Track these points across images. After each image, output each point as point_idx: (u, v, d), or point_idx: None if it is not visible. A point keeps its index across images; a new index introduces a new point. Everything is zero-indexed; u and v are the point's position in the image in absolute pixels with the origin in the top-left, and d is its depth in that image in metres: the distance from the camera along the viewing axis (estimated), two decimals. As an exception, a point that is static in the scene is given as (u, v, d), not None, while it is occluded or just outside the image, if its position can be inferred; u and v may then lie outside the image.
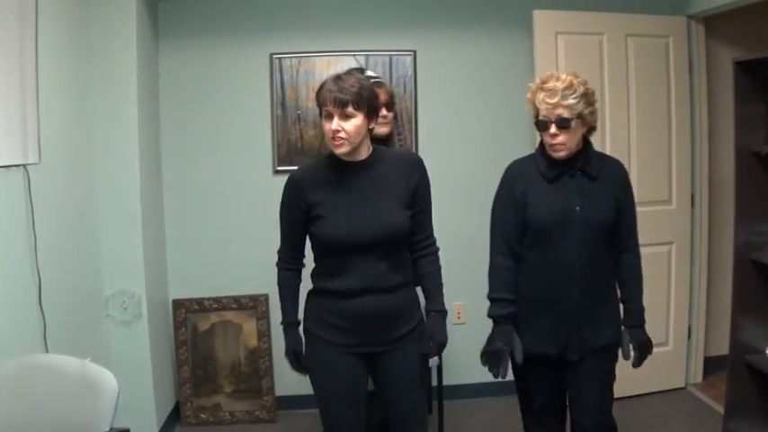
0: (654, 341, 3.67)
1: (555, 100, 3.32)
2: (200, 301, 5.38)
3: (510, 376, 3.70)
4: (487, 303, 3.58)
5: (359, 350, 3.26)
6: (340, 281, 3.20)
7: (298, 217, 3.26)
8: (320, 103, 3.14)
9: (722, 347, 4.57)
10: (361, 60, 5.44)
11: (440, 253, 3.47)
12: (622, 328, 3.57)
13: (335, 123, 3.07)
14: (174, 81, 5.40)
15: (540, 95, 3.38)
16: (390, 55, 5.49)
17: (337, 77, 3.14)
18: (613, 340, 3.54)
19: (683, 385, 5.75)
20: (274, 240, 3.43)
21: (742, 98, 4.12)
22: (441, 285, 3.43)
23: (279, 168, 5.44)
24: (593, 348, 3.47)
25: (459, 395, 5.51)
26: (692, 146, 5.67)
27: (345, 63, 5.39)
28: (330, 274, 3.24)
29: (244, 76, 5.46)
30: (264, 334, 5.39)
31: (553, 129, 3.35)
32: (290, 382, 5.32)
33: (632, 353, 3.57)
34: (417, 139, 5.53)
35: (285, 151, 5.46)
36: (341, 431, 3.34)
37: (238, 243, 5.48)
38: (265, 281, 5.40)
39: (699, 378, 5.83)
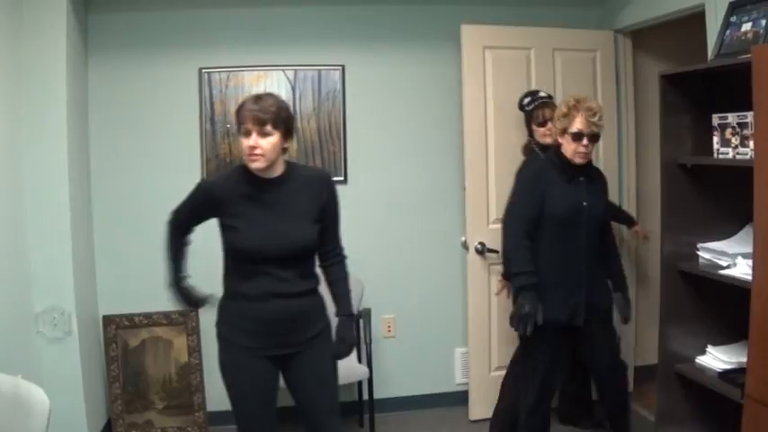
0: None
1: (595, 119, 4.24)
2: (129, 317, 5.48)
3: (445, 388, 3.89)
4: (418, 316, 3.76)
5: (269, 353, 3.57)
6: (250, 285, 3.51)
7: (203, 215, 3.62)
8: (240, 120, 3.42)
9: (652, 357, 4.70)
10: (290, 75, 5.62)
11: (367, 265, 3.62)
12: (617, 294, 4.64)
13: (253, 140, 3.36)
14: (103, 94, 5.47)
15: (584, 113, 4.24)
16: (319, 69, 5.65)
17: (258, 97, 3.45)
18: (609, 303, 4.60)
19: (614, 394, 5.90)
20: (204, 255, 3.55)
21: (668, 111, 4.23)
22: (349, 291, 3.81)
23: (208, 183, 5.50)
24: (596, 312, 4.46)
25: (390, 408, 5.61)
26: (619, 158, 5.92)
27: (274, 77, 5.59)
28: (241, 278, 3.54)
29: (173, 90, 5.56)
30: (195, 349, 5.51)
31: (585, 140, 4.26)
32: (221, 397, 5.39)
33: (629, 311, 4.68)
34: (346, 152, 5.68)
35: (214, 165, 5.57)
36: (254, 431, 3.65)
37: (167, 258, 5.50)
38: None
39: (630, 387, 5.96)
